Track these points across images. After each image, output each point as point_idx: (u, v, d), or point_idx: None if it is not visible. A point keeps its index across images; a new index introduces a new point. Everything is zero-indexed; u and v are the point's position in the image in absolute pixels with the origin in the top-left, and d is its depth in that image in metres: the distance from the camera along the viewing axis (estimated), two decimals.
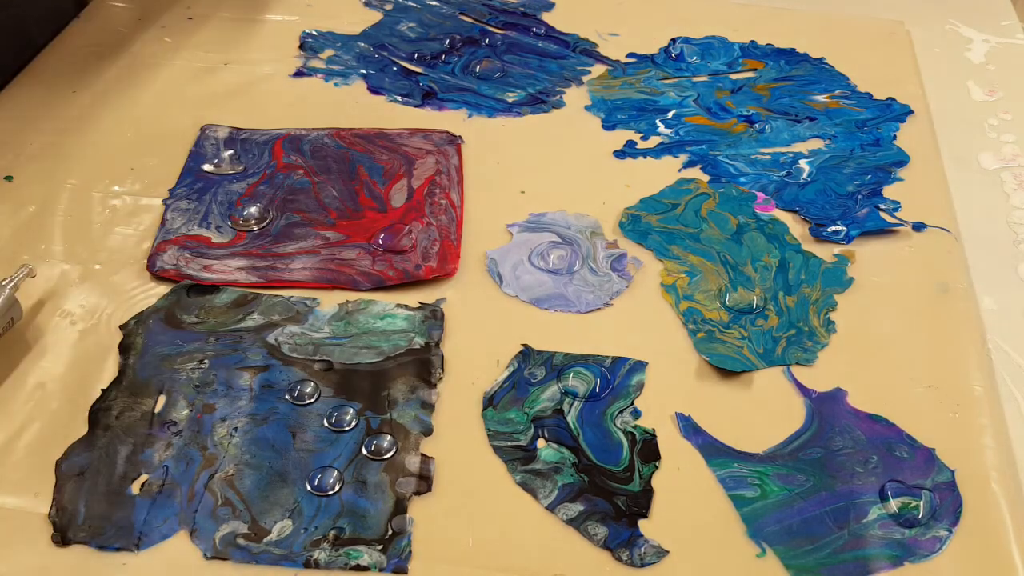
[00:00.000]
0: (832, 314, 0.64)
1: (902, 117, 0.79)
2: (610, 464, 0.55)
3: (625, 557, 0.51)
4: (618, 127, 0.78)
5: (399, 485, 0.54)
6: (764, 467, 0.56)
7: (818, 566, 0.51)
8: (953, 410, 0.59)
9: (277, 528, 0.52)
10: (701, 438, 0.57)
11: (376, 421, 0.57)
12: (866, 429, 0.57)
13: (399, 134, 0.75)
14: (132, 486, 0.53)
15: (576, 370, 0.60)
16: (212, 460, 0.54)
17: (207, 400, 0.57)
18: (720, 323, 0.63)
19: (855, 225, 0.70)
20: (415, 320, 0.62)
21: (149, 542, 0.51)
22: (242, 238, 0.66)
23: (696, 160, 0.75)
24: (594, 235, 0.68)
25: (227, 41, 0.83)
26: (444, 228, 0.68)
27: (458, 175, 0.72)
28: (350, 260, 0.65)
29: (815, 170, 0.74)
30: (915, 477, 0.55)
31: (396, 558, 0.51)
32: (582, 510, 0.53)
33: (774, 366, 0.61)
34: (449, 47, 0.84)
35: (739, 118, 0.79)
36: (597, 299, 0.64)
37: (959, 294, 0.66)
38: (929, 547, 0.52)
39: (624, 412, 0.58)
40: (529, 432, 0.57)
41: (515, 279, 0.65)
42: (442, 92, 0.80)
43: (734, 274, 0.66)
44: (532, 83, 0.81)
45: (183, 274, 0.64)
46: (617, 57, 0.84)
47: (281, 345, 0.60)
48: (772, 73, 0.83)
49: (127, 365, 0.58)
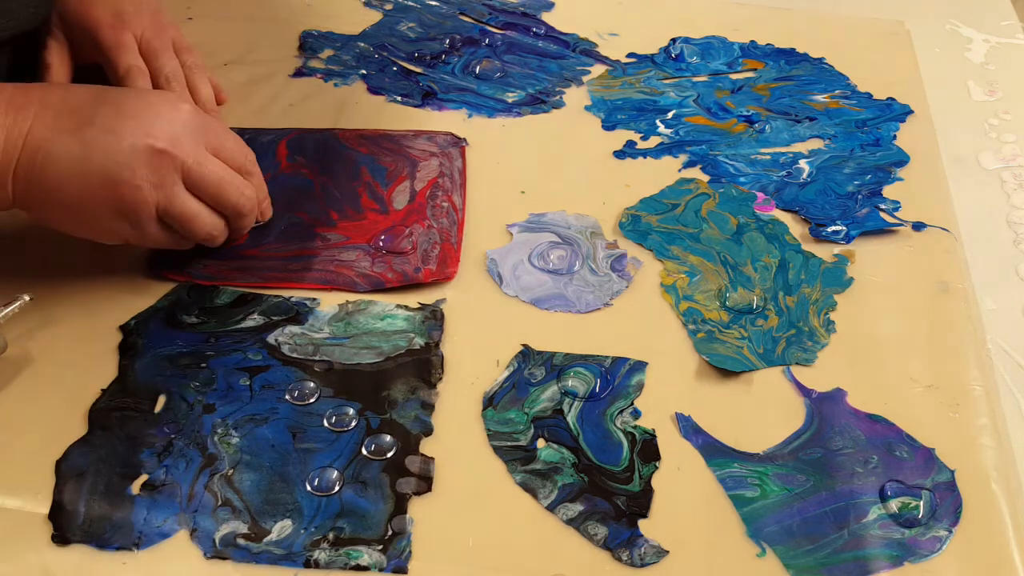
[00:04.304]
0: (832, 314, 0.64)
1: (902, 117, 0.79)
2: (610, 464, 0.55)
3: (625, 557, 0.51)
4: (618, 127, 0.78)
5: (399, 485, 0.54)
6: (764, 467, 0.56)
7: (818, 566, 0.51)
8: (953, 410, 0.59)
9: (277, 528, 0.52)
10: (701, 438, 0.57)
11: (376, 421, 0.57)
12: (866, 429, 0.57)
13: (403, 136, 0.75)
14: (132, 486, 0.53)
15: (576, 370, 0.60)
16: (212, 460, 0.54)
17: (207, 400, 0.57)
18: (720, 323, 0.63)
19: (855, 225, 0.70)
20: (415, 321, 0.62)
21: (149, 542, 0.51)
22: (242, 238, 0.66)
23: (696, 160, 0.75)
24: (594, 235, 0.68)
25: (227, 41, 0.83)
26: (445, 231, 0.68)
27: (461, 178, 0.72)
28: (349, 262, 0.65)
29: (815, 170, 0.74)
30: (915, 477, 0.55)
31: (396, 558, 0.51)
32: (582, 510, 0.53)
33: (774, 366, 0.61)
34: (449, 47, 0.84)
35: (739, 118, 0.79)
36: (597, 299, 0.64)
37: (959, 294, 0.66)
38: (929, 547, 0.52)
39: (624, 412, 0.58)
40: (529, 432, 0.57)
41: (515, 279, 0.65)
42: (442, 92, 0.80)
43: (734, 274, 0.66)
44: (532, 83, 0.81)
45: (183, 274, 0.64)
46: (617, 57, 0.84)
47: (281, 345, 0.60)
48: (772, 73, 0.83)
49: (127, 365, 0.58)
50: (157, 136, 0.57)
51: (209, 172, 0.59)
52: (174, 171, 0.58)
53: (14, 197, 0.57)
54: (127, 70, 0.69)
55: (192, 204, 0.59)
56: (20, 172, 0.56)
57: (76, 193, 0.56)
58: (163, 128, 0.58)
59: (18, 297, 0.58)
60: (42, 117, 0.56)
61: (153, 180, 0.57)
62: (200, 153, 0.59)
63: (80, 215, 0.58)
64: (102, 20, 0.70)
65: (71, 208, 0.57)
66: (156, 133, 0.57)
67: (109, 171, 0.56)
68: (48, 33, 0.72)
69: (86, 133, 0.56)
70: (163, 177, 0.57)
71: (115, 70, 0.69)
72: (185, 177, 0.58)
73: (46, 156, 0.56)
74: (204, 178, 0.59)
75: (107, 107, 0.58)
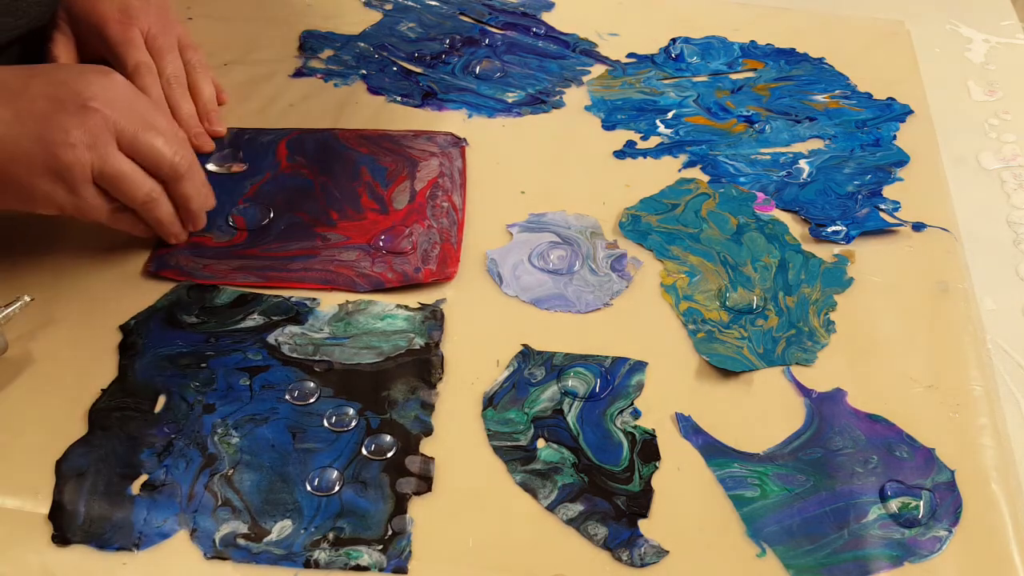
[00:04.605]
0: (832, 314, 0.64)
1: (902, 117, 0.79)
2: (610, 464, 0.55)
3: (625, 557, 0.51)
4: (618, 127, 0.78)
5: (399, 485, 0.54)
6: (764, 467, 0.56)
7: (818, 566, 0.51)
8: (953, 410, 0.59)
9: (277, 528, 0.52)
10: (701, 438, 0.57)
11: (376, 421, 0.57)
12: (866, 429, 0.58)
13: (403, 136, 0.75)
14: (132, 486, 0.53)
15: (576, 370, 0.60)
16: (212, 460, 0.54)
17: (207, 400, 0.57)
18: (720, 323, 0.63)
19: (855, 225, 0.70)
20: (415, 321, 0.62)
21: (149, 542, 0.51)
22: (242, 238, 0.66)
23: (696, 160, 0.75)
24: (594, 235, 0.68)
25: (227, 41, 0.83)
26: (445, 231, 0.68)
27: (461, 178, 0.72)
28: (349, 261, 0.65)
29: (815, 170, 0.74)
30: (915, 477, 0.55)
31: (396, 558, 0.51)
32: (582, 510, 0.53)
33: (774, 366, 0.61)
34: (449, 47, 0.84)
35: (739, 118, 0.79)
36: (597, 299, 0.64)
37: (959, 294, 0.66)
38: (929, 547, 0.52)
39: (624, 412, 0.58)
40: (529, 432, 0.57)
41: (515, 279, 0.65)
42: (442, 92, 0.80)
43: (734, 274, 0.66)
44: (532, 83, 0.81)
45: (183, 274, 0.64)
46: (617, 57, 0.84)
47: (281, 345, 0.60)
48: (772, 73, 0.83)
49: (127, 365, 0.58)
50: (90, 97, 0.58)
51: (142, 130, 0.59)
52: (107, 131, 0.58)
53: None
54: (135, 66, 0.69)
55: (126, 164, 0.59)
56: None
57: (10, 160, 0.56)
58: (96, 91, 0.58)
59: (19, 298, 0.58)
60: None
61: (87, 140, 0.57)
62: (133, 115, 0.59)
63: (14, 184, 0.57)
64: (109, 15, 0.70)
65: (5, 177, 0.57)
66: (89, 95, 0.58)
67: (42, 133, 0.56)
68: (55, 27, 0.72)
69: (18, 102, 0.57)
70: (96, 137, 0.57)
71: (123, 66, 0.69)
72: (119, 137, 0.58)
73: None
74: (137, 136, 0.59)
75: (38, 78, 0.58)
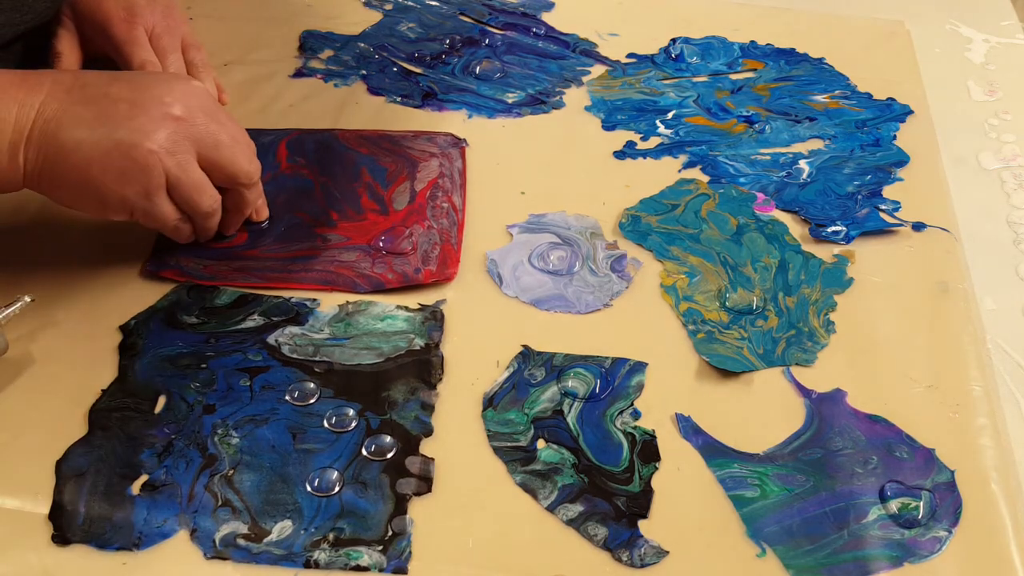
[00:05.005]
0: (832, 314, 0.64)
1: (902, 117, 0.79)
2: (610, 465, 0.55)
3: (625, 557, 0.51)
4: (618, 127, 0.78)
5: (399, 486, 0.54)
6: (764, 467, 0.56)
7: (818, 566, 0.51)
8: (953, 410, 0.59)
9: (277, 528, 0.52)
10: (701, 438, 0.57)
11: (376, 422, 0.57)
12: (866, 429, 0.58)
13: (403, 136, 0.75)
14: (132, 486, 0.53)
15: (576, 371, 0.60)
16: (212, 460, 0.54)
17: (207, 401, 0.57)
18: (720, 324, 0.63)
19: (855, 225, 0.70)
20: (415, 321, 0.62)
21: (149, 542, 0.51)
22: (243, 239, 0.66)
23: (696, 160, 0.75)
24: (594, 236, 0.68)
25: (227, 41, 0.83)
26: (445, 232, 0.68)
27: (461, 178, 0.72)
28: (350, 262, 0.65)
29: (815, 170, 0.74)
30: (915, 477, 0.55)
31: (396, 559, 0.51)
32: (582, 511, 0.53)
33: (774, 367, 0.61)
34: (449, 47, 0.84)
35: (739, 118, 0.79)
36: (597, 300, 0.64)
37: (959, 294, 0.66)
38: (929, 547, 0.52)
39: (624, 413, 0.58)
40: (529, 433, 0.57)
41: (515, 280, 0.65)
42: (442, 93, 0.80)
43: (734, 275, 0.66)
44: (532, 83, 0.81)
45: (184, 274, 0.64)
46: (617, 57, 0.84)
47: (281, 346, 0.60)
48: (772, 73, 0.83)
49: (127, 365, 0.59)
50: (172, 104, 0.58)
51: (221, 141, 0.59)
52: (187, 139, 0.58)
53: (25, 171, 0.57)
54: (140, 65, 0.69)
55: (201, 173, 0.59)
56: (32, 143, 0.56)
57: (88, 161, 0.56)
58: (178, 98, 0.58)
59: (19, 298, 0.58)
60: (54, 92, 0.56)
61: (167, 146, 0.57)
62: (212, 124, 0.59)
63: (90, 186, 0.57)
64: (114, 14, 0.70)
65: (82, 179, 0.57)
66: (171, 101, 0.58)
67: (123, 137, 0.56)
68: (59, 24, 0.72)
69: (100, 104, 0.57)
70: (177, 144, 0.57)
71: (127, 65, 0.70)
72: (198, 146, 0.58)
73: (58, 125, 0.56)
74: (218, 147, 0.59)
75: (120, 82, 0.58)
